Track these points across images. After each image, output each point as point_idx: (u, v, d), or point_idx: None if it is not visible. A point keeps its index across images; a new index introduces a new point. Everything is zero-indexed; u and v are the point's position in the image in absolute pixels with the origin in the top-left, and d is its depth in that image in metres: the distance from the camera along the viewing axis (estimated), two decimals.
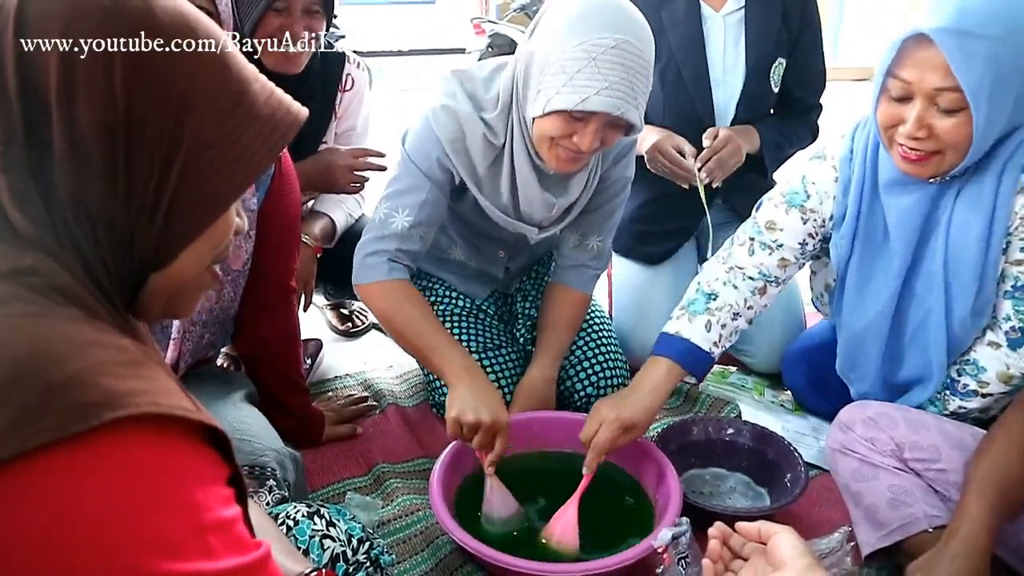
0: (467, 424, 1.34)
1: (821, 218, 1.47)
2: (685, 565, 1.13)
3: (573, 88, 1.25)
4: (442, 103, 1.44)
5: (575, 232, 1.64)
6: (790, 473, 1.49)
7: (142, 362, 0.56)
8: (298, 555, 0.90)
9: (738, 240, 1.54)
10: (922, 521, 1.24)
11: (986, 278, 1.29)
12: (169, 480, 0.54)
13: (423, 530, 1.41)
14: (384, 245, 1.49)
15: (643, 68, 1.28)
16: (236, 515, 0.59)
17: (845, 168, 1.43)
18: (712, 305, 1.47)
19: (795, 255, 1.50)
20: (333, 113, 1.88)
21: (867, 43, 6.56)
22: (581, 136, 1.31)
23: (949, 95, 1.17)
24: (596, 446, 1.34)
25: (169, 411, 0.54)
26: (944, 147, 1.21)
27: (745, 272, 1.51)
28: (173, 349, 1.33)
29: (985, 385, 1.35)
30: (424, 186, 1.47)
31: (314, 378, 1.98)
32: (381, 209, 1.50)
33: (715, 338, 1.44)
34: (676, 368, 1.41)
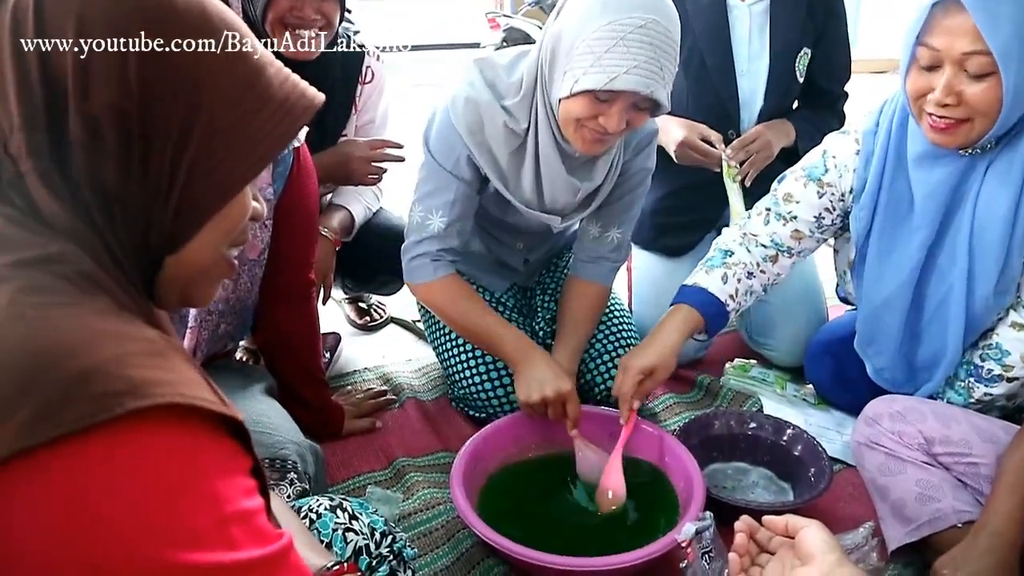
0: (535, 404, 1.44)
1: (839, 192, 1.48)
2: (709, 560, 1.12)
3: (601, 68, 1.25)
4: (463, 93, 1.43)
5: (595, 224, 1.63)
6: (814, 467, 1.47)
7: (166, 353, 0.56)
8: (321, 548, 0.89)
9: (756, 210, 1.58)
10: (951, 516, 1.22)
11: (1011, 256, 1.28)
12: (192, 471, 0.54)
13: (444, 524, 1.41)
14: (426, 247, 1.53)
15: (671, 47, 1.28)
16: (258, 506, 0.59)
17: (868, 141, 1.43)
18: (729, 260, 1.53)
19: (809, 228, 1.52)
20: (353, 106, 1.87)
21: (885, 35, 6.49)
22: (607, 117, 1.31)
23: (978, 59, 1.17)
24: (622, 395, 1.41)
25: (192, 402, 0.54)
26: (973, 114, 1.21)
27: (758, 239, 1.55)
28: (190, 338, 1.33)
29: (1010, 369, 1.33)
30: (452, 185, 1.48)
31: (333, 372, 1.98)
32: (416, 212, 1.54)
33: (731, 291, 1.48)
34: (693, 313, 1.46)
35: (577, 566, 1.18)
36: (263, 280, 1.43)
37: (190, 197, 0.61)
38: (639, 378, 1.39)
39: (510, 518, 1.35)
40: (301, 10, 1.58)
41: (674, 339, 1.43)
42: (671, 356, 1.42)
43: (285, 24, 1.59)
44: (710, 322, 1.46)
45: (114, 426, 0.50)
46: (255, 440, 1.27)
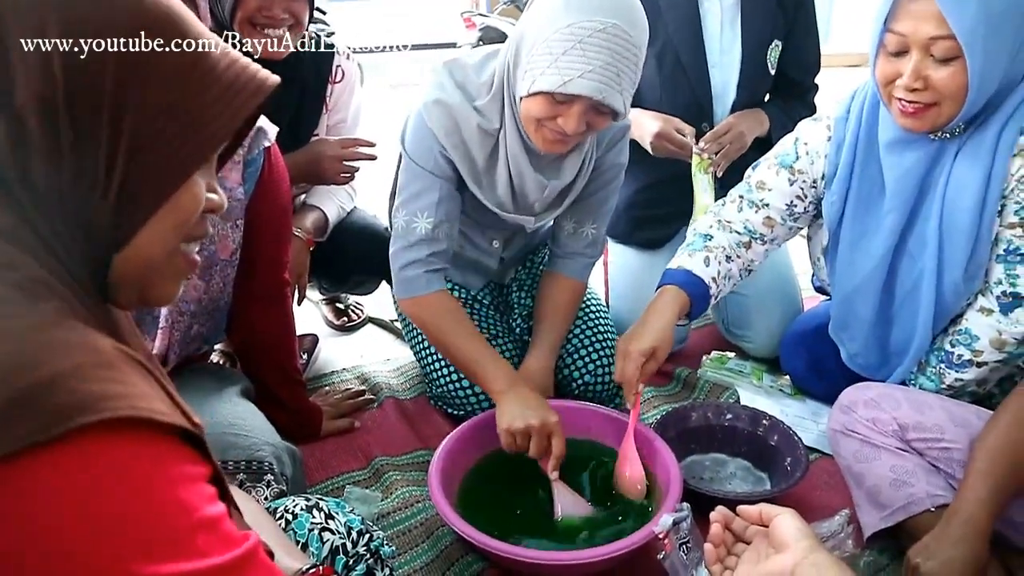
0: (518, 432, 1.36)
1: (811, 179, 1.49)
2: (687, 550, 1.12)
3: (557, 70, 1.24)
4: (433, 97, 1.42)
5: (570, 220, 1.63)
6: (790, 457, 1.49)
7: (117, 364, 0.54)
8: (296, 551, 0.89)
9: (729, 198, 1.60)
10: (924, 501, 1.24)
11: (980, 241, 1.30)
12: (151, 482, 0.53)
13: (423, 522, 1.40)
14: (416, 254, 1.49)
15: (631, 54, 1.26)
16: (221, 512, 0.58)
17: (840, 127, 1.44)
18: (710, 244, 1.53)
19: (781, 215, 1.54)
20: (324, 105, 1.86)
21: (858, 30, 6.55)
22: (565, 119, 1.30)
23: (943, 43, 1.18)
24: (627, 380, 1.38)
25: (146, 415, 0.53)
26: (941, 98, 1.22)
27: (732, 226, 1.56)
28: (162, 338, 1.32)
29: (979, 354, 1.34)
30: (435, 184, 1.46)
31: (311, 373, 1.97)
32: (400, 218, 1.50)
33: (713, 273, 1.48)
34: (681, 293, 1.45)
35: (555, 560, 1.19)
36: (236, 281, 1.42)
37: (130, 189, 0.58)
38: (641, 361, 1.37)
39: (488, 514, 1.35)
40: (270, 9, 1.57)
41: (668, 318, 1.41)
42: (668, 335, 1.41)
43: (254, 24, 1.58)
44: (695, 303, 1.46)
45: (64, 442, 0.49)
46: (230, 443, 1.28)
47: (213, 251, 1.34)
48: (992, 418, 1.21)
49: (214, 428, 1.25)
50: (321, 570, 0.83)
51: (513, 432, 1.36)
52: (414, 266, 1.49)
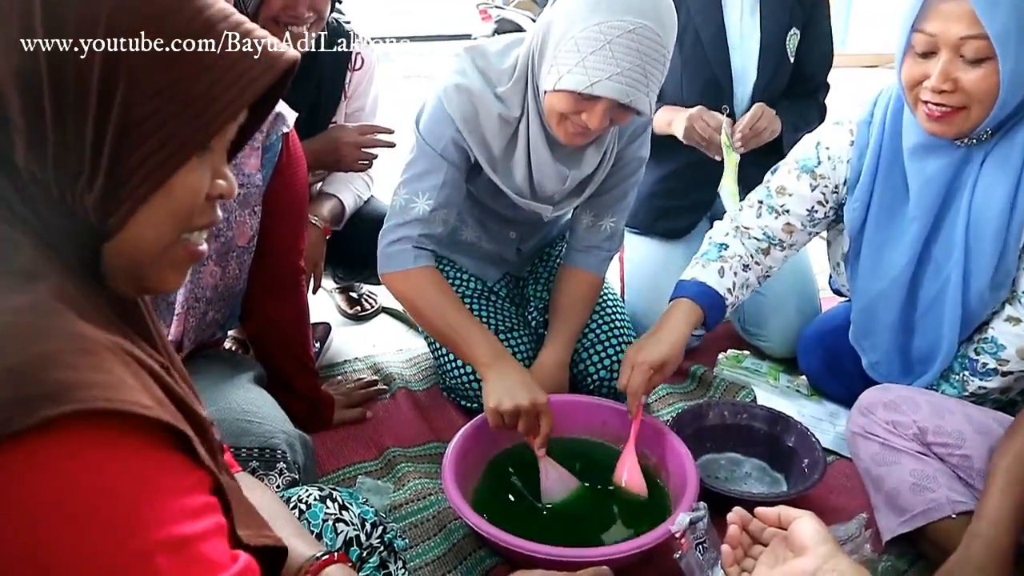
0: (507, 412, 1.34)
1: (833, 184, 1.46)
2: (703, 550, 1.11)
3: (584, 69, 1.23)
4: (454, 81, 1.41)
5: (588, 213, 1.62)
6: (807, 458, 1.47)
7: (98, 352, 0.50)
8: (310, 538, 0.88)
9: (748, 202, 1.57)
10: (945, 507, 1.22)
11: (1008, 249, 1.27)
12: (120, 488, 0.48)
13: (435, 514, 1.39)
14: (407, 231, 1.47)
15: (659, 55, 1.25)
16: (202, 530, 0.52)
17: (863, 132, 1.42)
18: (724, 253, 1.51)
19: (802, 221, 1.50)
20: (343, 93, 1.85)
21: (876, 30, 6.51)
22: (590, 115, 1.29)
23: (975, 43, 1.15)
24: (632, 391, 1.37)
25: (123, 407, 0.48)
26: (970, 101, 1.20)
27: (750, 232, 1.53)
28: (177, 325, 1.32)
29: (1005, 363, 1.32)
30: (441, 168, 1.45)
31: (323, 362, 1.96)
32: (400, 195, 1.48)
33: (728, 284, 1.46)
34: (695, 307, 1.43)
35: (570, 557, 1.17)
36: (252, 268, 1.41)
37: (118, 175, 0.53)
38: (649, 373, 1.36)
39: (502, 509, 1.34)
40: (295, 8, 1.56)
41: (681, 333, 1.40)
42: (679, 350, 1.40)
43: (277, 22, 1.57)
44: (709, 315, 1.45)
45: (38, 433, 0.45)
46: (244, 430, 1.27)
47: (230, 237, 1.33)
48: (1009, 431, 1.19)
49: (228, 414, 1.25)
50: (335, 556, 0.82)
51: (501, 412, 1.34)
52: (402, 242, 1.48)
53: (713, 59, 1.88)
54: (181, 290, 1.30)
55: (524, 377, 1.39)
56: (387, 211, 1.52)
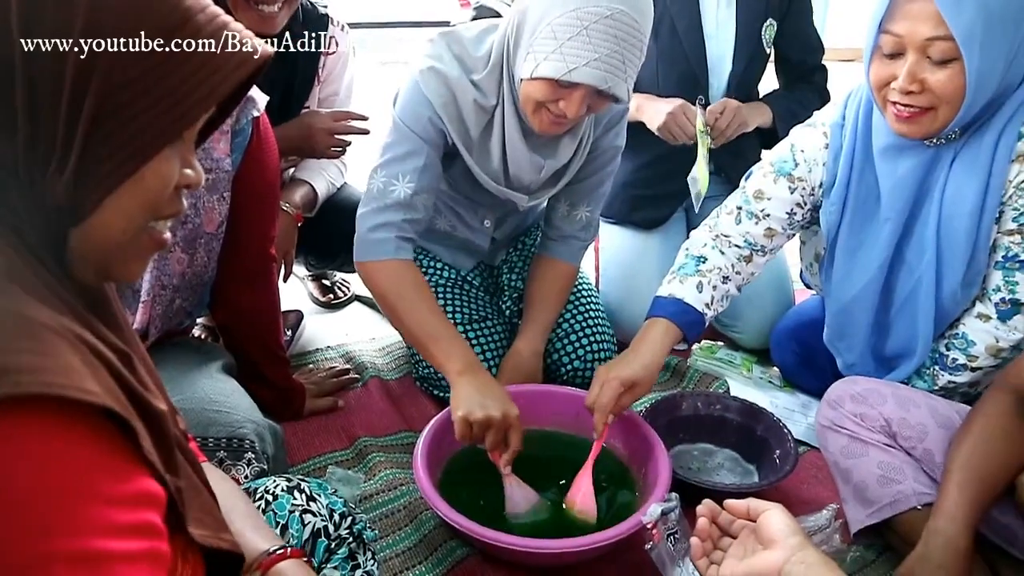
0: (477, 422, 1.29)
1: (810, 186, 1.46)
2: (674, 541, 1.11)
3: (561, 56, 1.22)
4: (429, 65, 1.39)
5: (564, 202, 1.61)
6: (779, 449, 1.48)
7: (41, 336, 0.47)
8: (268, 531, 0.85)
9: (725, 209, 1.53)
10: (911, 498, 1.23)
11: (978, 248, 1.28)
12: (32, 485, 0.45)
13: (406, 505, 1.38)
14: (389, 217, 1.43)
15: (636, 40, 1.24)
16: (125, 551, 0.49)
17: (836, 134, 1.41)
18: (703, 267, 1.47)
19: (782, 225, 1.49)
20: (316, 77, 1.82)
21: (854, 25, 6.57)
22: (567, 103, 1.28)
23: (941, 44, 1.15)
24: (600, 407, 1.32)
25: (61, 392, 0.45)
26: (937, 102, 1.20)
27: (731, 240, 1.50)
28: (143, 312, 1.29)
29: (974, 359, 1.34)
30: (422, 150, 1.42)
31: (294, 350, 1.94)
32: (378, 178, 1.43)
33: (707, 299, 1.44)
34: (672, 327, 1.40)
35: (541, 548, 1.17)
36: (221, 255, 1.38)
37: (91, 160, 0.53)
38: (620, 391, 1.32)
39: (473, 499, 1.33)
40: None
41: (656, 356, 1.37)
42: (654, 372, 1.37)
43: (250, 0, 1.54)
44: (688, 333, 1.42)
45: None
46: (212, 419, 1.25)
47: (198, 224, 1.30)
48: (963, 425, 1.20)
49: (195, 404, 1.23)
50: (289, 552, 0.81)
51: (471, 422, 1.28)
52: (385, 229, 1.43)
53: (689, 50, 1.88)
54: (147, 277, 1.28)
55: (497, 390, 1.34)
56: (362, 196, 1.49)
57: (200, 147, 1.26)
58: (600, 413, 1.32)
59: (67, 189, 0.53)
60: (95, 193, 0.54)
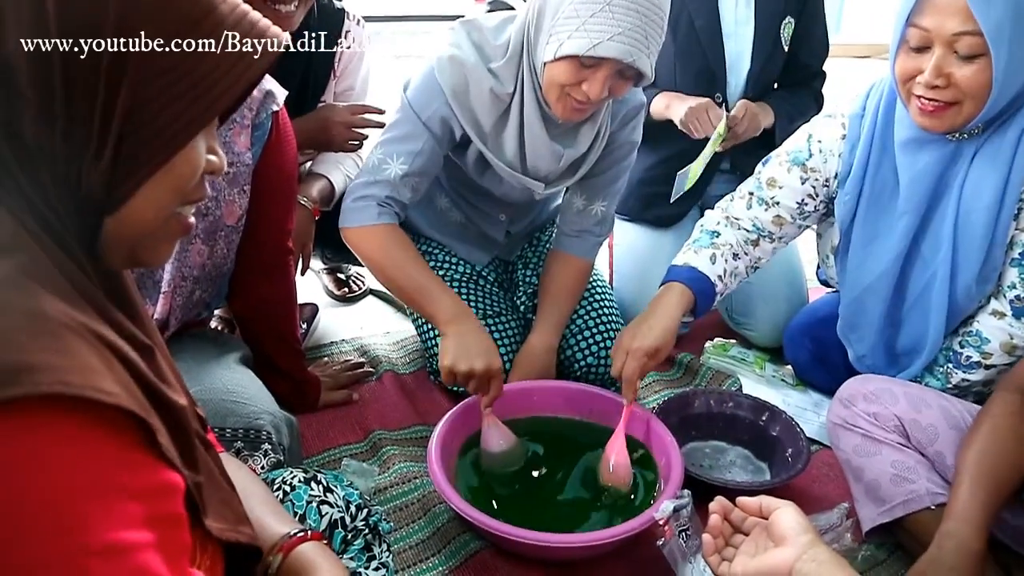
0: (460, 373, 1.37)
1: (824, 177, 1.46)
2: (686, 538, 1.12)
3: (585, 32, 1.23)
4: (448, 53, 1.41)
5: (580, 196, 1.61)
6: (791, 447, 1.48)
7: (60, 333, 0.48)
8: (286, 516, 0.86)
9: (739, 193, 1.56)
10: (924, 498, 1.23)
11: (995, 244, 1.28)
12: (53, 483, 0.45)
13: (420, 498, 1.39)
14: (374, 191, 1.46)
15: (658, 16, 1.26)
16: (147, 540, 0.49)
17: (855, 126, 1.41)
18: (716, 240, 1.51)
19: (791, 214, 1.50)
20: (332, 71, 1.83)
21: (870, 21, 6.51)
22: (591, 83, 1.29)
23: (968, 39, 1.15)
24: (628, 377, 1.36)
25: (79, 392, 0.46)
26: (962, 97, 1.20)
27: (740, 223, 1.53)
28: (163, 303, 1.30)
29: (989, 357, 1.33)
30: (422, 135, 1.44)
31: (310, 343, 1.96)
32: (376, 154, 1.47)
33: (719, 271, 1.47)
34: (686, 291, 1.43)
35: (554, 542, 1.18)
36: (240, 247, 1.40)
37: (126, 150, 0.54)
38: (644, 360, 1.35)
39: (486, 493, 1.34)
40: None
41: (673, 318, 1.40)
42: (671, 335, 1.39)
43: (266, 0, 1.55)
44: (699, 301, 1.44)
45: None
46: (229, 410, 1.26)
47: (219, 216, 1.31)
48: (973, 427, 1.19)
49: (212, 395, 1.24)
50: (309, 534, 0.82)
51: (455, 372, 1.37)
52: (367, 199, 1.46)
53: (707, 47, 1.87)
54: (168, 268, 1.29)
55: (482, 339, 1.40)
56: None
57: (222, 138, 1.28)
58: (628, 383, 1.37)
59: (104, 179, 0.54)
60: (130, 182, 0.55)
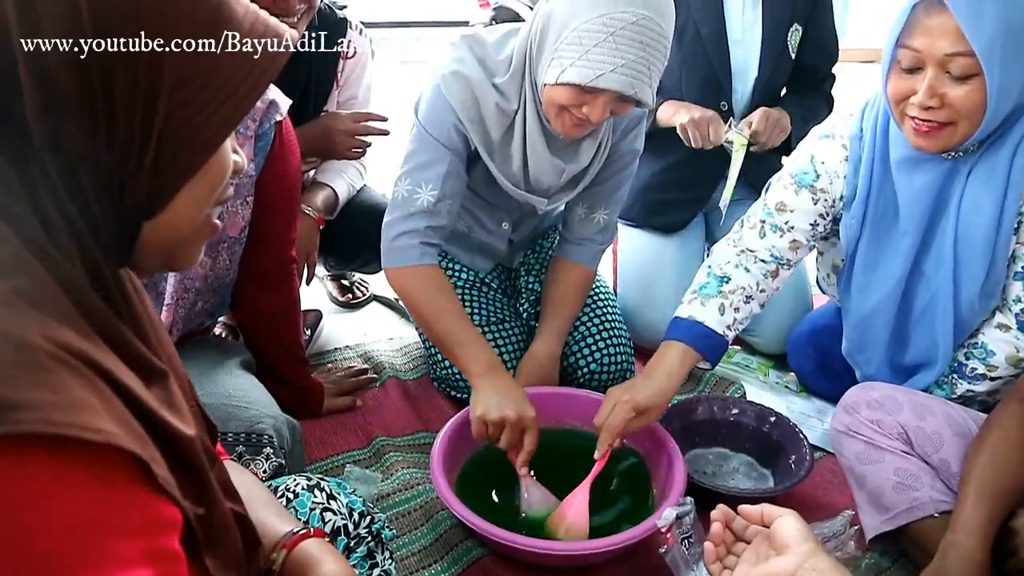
0: (492, 422, 1.32)
1: (831, 198, 1.44)
2: (688, 545, 1.12)
3: (588, 62, 1.22)
4: (452, 69, 1.40)
5: (582, 205, 1.61)
6: (795, 455, 1.48)
7: (46, 365, 0.45)
8: (289, 516, 0.86)
9: (748, 223, 1.50)
10: (928, 506, 1.22)
11: (996, 259, 1.27)
12: (39, 526, 0.43)
13: (423, 504, 1.40)
14: (413, 224, 1.45)
15: (661, 46, 1.25)
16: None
17: (855, 147, 1.40)
18: (725, 288, 1.44)
19: (807, 236, 1.46)
20: (335, 80, 1.83)
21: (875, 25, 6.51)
22: (591, 107, 1.29)
23: (961, 60, 1.14)
24: (609, 428, 1.31)
25: (67, 432, 0.43)
26: (957, 117, 1.19)
27: (757, 255, 1.47)
28: (167, 315, 1.31)
29: (994, 369, 1.33)
30: (445, 157, 1.44)
31: (313, 349, 1.96)
32: (403, 186, 1.46)
33: (729, 321, 1.41)
34: (691, 352, 1.38)
35: (556, 550, 1.18)
36: (243, 258, 1.40)
37: (166, 154, 0.54)
38: (631, 415, 1.30)
39: (489, 500, 1.34)
40: (286, 1, 1.54)
41: (672, 381, 1.35)
42: (667, 400, 1.36)
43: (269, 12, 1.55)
44: (709, 355, 1.40)
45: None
46: (231, 414, 1.27)
47: (222, 227, 1.32)
48: (978, 436, 1.19)
49: (215, 399, 1.25)
50: (312, 531, 0.82)
51: (487, 421, 1.32)
52: (409, 236, 1.46)
53: (713, 55, 1.87)
54: (171, 280, 1.30)
55: (515, 391, 1.37)
56: (384, 203, 1.51)
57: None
58: (607, 434, 1.32)
59: (146, 185, 0.55)
60: (171, 186, 0.56)
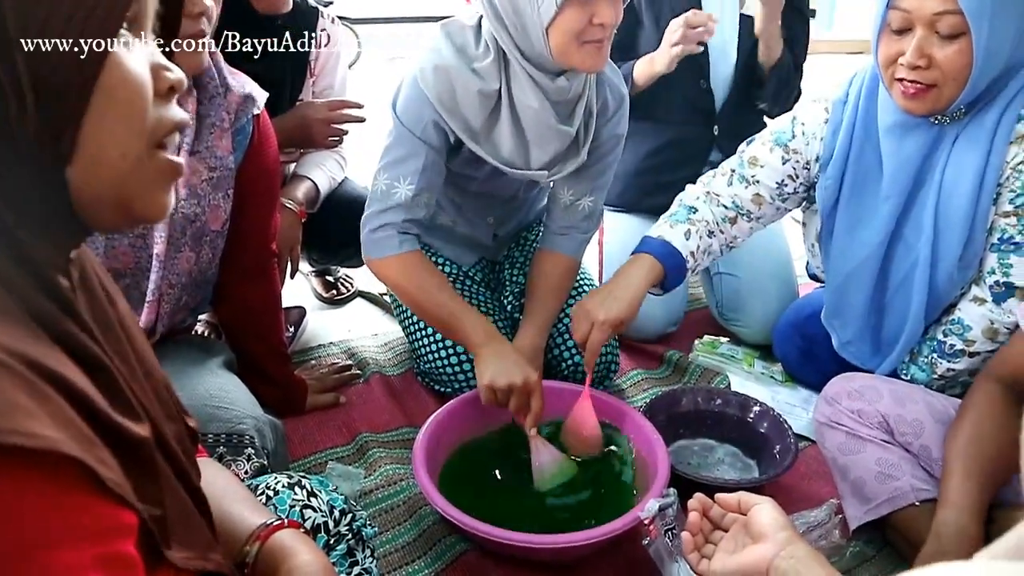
0: (500, 389, 1.37)
1: (804, 160, 1.47)
2: (672, 536, 1.12)
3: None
4: (430, 63, 1.39)
5: (567, 191, 1.60)
6: (779, 445, 1.48)
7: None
8: (263, 508, 0.85)
9: (721, 170, 1.57)
10: (909, 495, 1.23)
11: (975, 228, 1.28)
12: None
13: (406, 500, 1.39)
14: (391, 217, 1.46)
15: None
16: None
17: (838, 110, 1.43)
18: (693, 216, 1.51)
19: (771, 194, 1.52)
20: (308, 70, 1.82)
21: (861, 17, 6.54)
22: (601, 9, 1.28)
23: (949, 19, 1.16)
24: (592, 348, 1.38)
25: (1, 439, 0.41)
26: (943, 78, 1.21)
27: (720, 199, 1.54)
28: (149, 311, 1.29)
29: (971, 343, 1.33)
30: (421, 151, 1.43)
31: (297, 346, 1.95)
32: (381, 181, 1.47)
33: (693, 247, 1.47)
34: (657, 265, 1.44)
35: (539, 543, 1.17)
36: (223, 252, 1.39)
37: (44, 88, 0.48)
38: (609, 332, 1.38)
39: (472, 495, 1.33)
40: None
41: (640, 292, 1.41)
42: (636, 308, 1.40)
43: None
44: (670, 276, 1.45)
45: None
46: (211, 415, 1.25)
47: (204, 221, 1.31)
48: (957, 418, 1.20)
49: (195, 400, 1.23)
50: (286, 523, 0.81)
51: (495, 389, 1.37)
52: (387, 228, 1.47)
53: None
54: (153, 277, 1.28)
55: (517, 357, 1.42)
56: (366, 195, 1.51)
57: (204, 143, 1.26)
58: (592, 354, 1.39)
59: (40, 129, 0.48)
60: (67, 122, 0.49)
